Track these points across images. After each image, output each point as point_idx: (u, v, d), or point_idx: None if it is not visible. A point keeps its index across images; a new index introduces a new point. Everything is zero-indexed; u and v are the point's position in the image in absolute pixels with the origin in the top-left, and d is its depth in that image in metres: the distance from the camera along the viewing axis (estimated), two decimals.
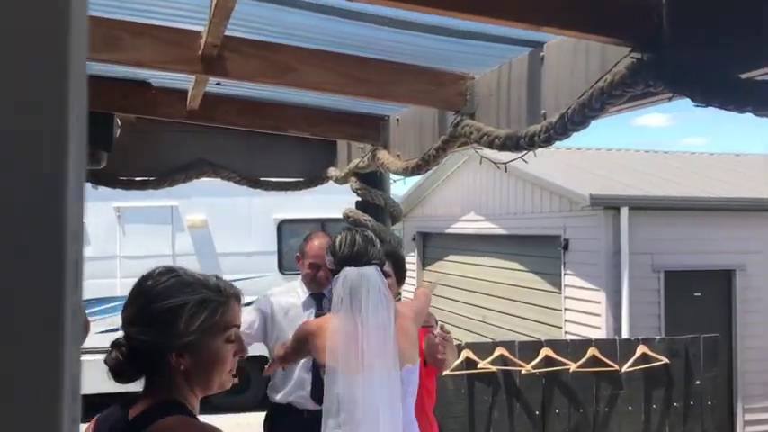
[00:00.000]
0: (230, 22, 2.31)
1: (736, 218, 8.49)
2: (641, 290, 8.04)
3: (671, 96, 1.71)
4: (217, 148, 4.86)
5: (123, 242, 9.82)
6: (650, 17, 1.75)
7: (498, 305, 10.18)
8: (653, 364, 6.03)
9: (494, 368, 5.76)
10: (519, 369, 5.81)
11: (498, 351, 5.79)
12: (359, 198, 4.48)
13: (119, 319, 1.50)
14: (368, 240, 2.78)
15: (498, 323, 10.10)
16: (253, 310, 3.58)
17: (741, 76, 1.56)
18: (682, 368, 6.16)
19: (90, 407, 1.55)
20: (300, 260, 3.57)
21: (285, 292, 3.60)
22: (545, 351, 5.86)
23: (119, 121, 4.53)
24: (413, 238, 12.82)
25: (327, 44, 2.67)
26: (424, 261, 12.97)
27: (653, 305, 8.17)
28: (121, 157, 4.58)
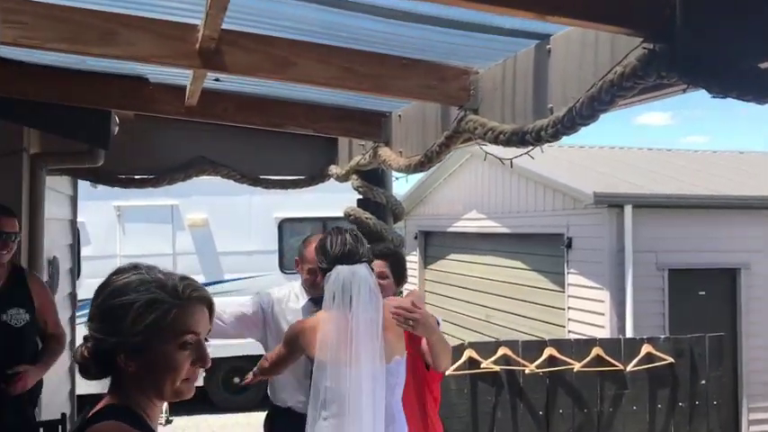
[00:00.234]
0: (228, 15, 2.24)
1: (741, 216, 8.42)
2: (645, 289, 7.98)
3: (685, 88, 1.65)
4: (216, 145, 4.82)
5: (123, 241, 9.78)
6: (663, 6, 1.68)
7: (501, 304, 10.12)
8: (658, 363, 5.97)
9: (497, 368, 5.70)
10: (522, 369, 5.75)
11: (501, 351, 5.73)
12: (360, 196, 4.43)
13: None
14: (358, 240, 2.89)
15: (501, 322, 10.05)
16: (253, 302, 3.52)
17: (759, 65, 1.49)
18: (687, 368, 6.10)
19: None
20: (299, 264, 3.50)
21: (285, 297, 3.52)
22: (549, 350, 5.80)
23: (117, 119, 4.48)
24: (414, 237, 12.76)
25: (327, 37, 2.60)
26: (426, 260, 12.91)
27: (657, 304, 8.11)
28: (120, 154, 4.53)
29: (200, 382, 8.11)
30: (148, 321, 1.35)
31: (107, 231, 9.76)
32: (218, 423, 9.64)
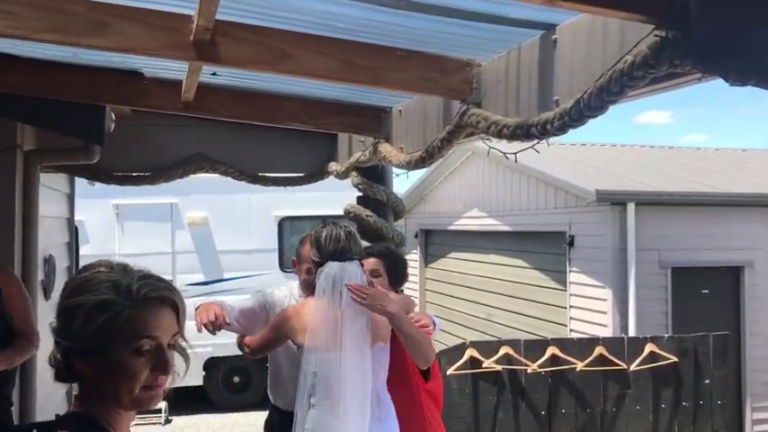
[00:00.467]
0: (222, 5, 2.17)
1: (745, 214, 8.35)
2: (648, 287, 7.91)
3: (701, 77, 1.57)
4: (214, 142, 4.76)
5: (122, 240, 9.73)
6: None
7: (502, 303, 10.05)
8: (661, 362, 5.92)
9: (499, 367, 5.65)
10: (524, 368, 5.70)
11: (503, 350, 5.68)
12: (360, 193, 4.35)
13: None
14: (350, 237, 3.02)
15: (502, 321, 9.98)
16: (257, 299, 3.46)
17: None
18: (691, 367, 6.05)
19: None
20: (297, 264, 3.43)
21: (286, 298, 3.46)
22: (551, 350, 5.74)
23: (113, 115, 4.41)
24: (415, 236, 12.69)
25: (325, 29, 2.52)
26: (427, 259, 12.84)
27: (660, 302, 8.04)
28: (117, 151, 4.47)
29: (199, 382, 8.06)
30: (98, 324, 1.24)
31: (106, 230, 9.71)
32: (217, 423, 9.58)
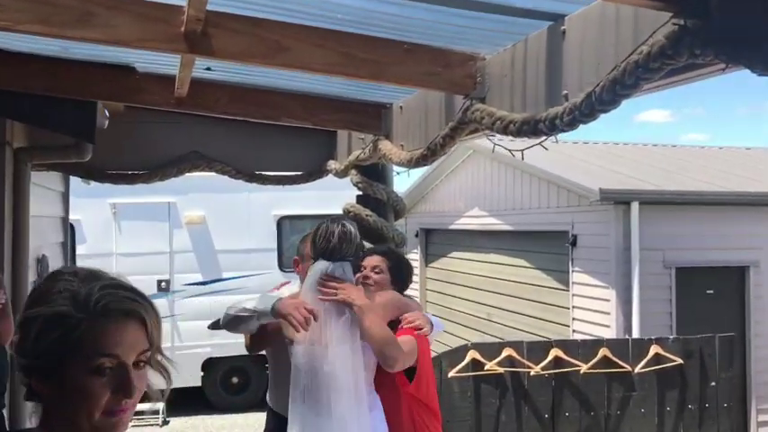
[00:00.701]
0: None
1: (750, 213, 8.24)
2: (652, 287, 7.81)
3: (724, 68, 1.46)
4: (210, 139, 4.66)
5: (119, 239, 9.63)
6: None
7: (504, 303, 9.95)
8: (667, 364, 5.83)
9: (501, 369, 5.57)
10: (527, 370, 5.61)
11: (506, 352, 5.59)
12: (360, 192, 4.25)
13: None
14: (344, 238, 2.95)
15: (504, 321, 9.88)
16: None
17: None
18: (696, 369, 5.96)
19: None
20: (299, 264, 3.33)
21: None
22: (554, 352, 5.65)
23: (107, 112, 4.31)
24: (415, 235, 12.58)
25: (323, 20, 2.42)
26: (427, 258, 12.74)
27: (664, 303, 7.94)
28: (110, 149, 4.38)
29: (197, 382, 7.93)
30: (51, 340, 1.10)
31: (103, 229, 9.62)
32: (216, 424, 9.49)
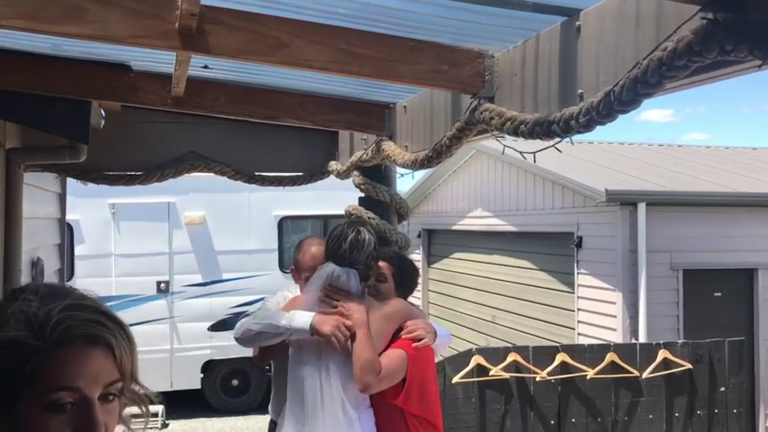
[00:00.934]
0: None
1: (758, 214, 8.13)
2: (659, 290, 7.70)
3: (760, 64, 1.34)
4: (209, 140, 4.55)
5: (118, 240, 9.53)
6: None
7: (508, 305, 9.84)
8: (675, 369, 5.73)
9: (506, 375, 5.47)
10: (533, 376, 5.49)
11: (511, 357, 5.50)
12: (362, 194, 4.13)
13: None
14: (356, 245, 2.89)
15: (508, 324, 9.77)
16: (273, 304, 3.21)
17: None
18: (705, 374, 5.86)
19: None
20: (296, 273, 3.21)
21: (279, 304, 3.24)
22: (561, 356, 5.55)
23: (103, 112, 4.20)
24: (418, 235, 12.47)
25: (324, 16, 2.30)
26: (430, 259, 12.62)
27: (671, 306, 7.83)
28: (106, 150, 4.27)
29: (197, 385, 7.81)
30: (1, 371, 0.94)
31: (102, 230, 9.52)
32: (215, 427, 9.39)
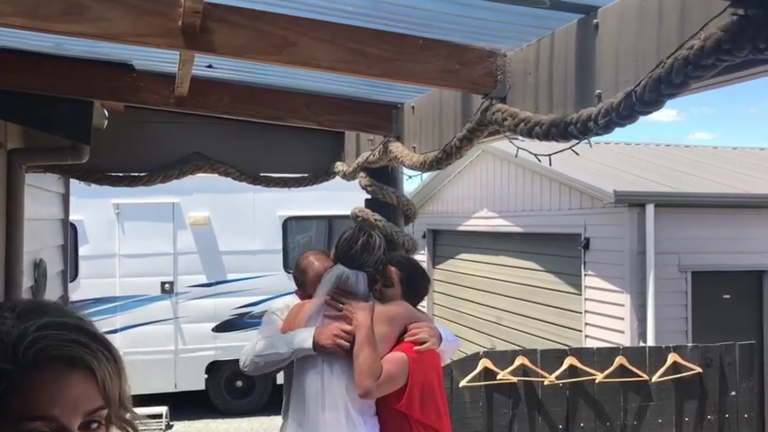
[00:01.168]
0: None
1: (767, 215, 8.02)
2: (667, 292, 7.62)
3: None
4: (213, 140, 4.49)
5: (123, 240, 9.49)
6: None
7: (514, 306, 9.76)
8: (685, 373, 5.65)
9: (514, 379, 5.41)
10: (541, 380, 5.43)
11: (519, 360, 5.43)
12: (369, 195, 4.06)
13: (118, 320, 1.05)
14: (366, 248, 2.92)
15: (514, 325, 9.69)
16: (270, 321, 3.14)
17: None
18: (716, 378, 5.79)
19: None
20: (301, 293, 3.14)
21: (282, 310, 3.17)
22: (569, 360, 5.49)
23: (106, 112, 4.14)
24: (423, 236, 12.40)
25: (331, 13, 2.24)
26: (435, 260, 12.56)
27: (680, 308, 7.74)
28: (109, 150, 4.22)
29: (201, 386, 7.74)
30: None
31: (106, 230, 9.48)
32: (220, 428, 9.35)
